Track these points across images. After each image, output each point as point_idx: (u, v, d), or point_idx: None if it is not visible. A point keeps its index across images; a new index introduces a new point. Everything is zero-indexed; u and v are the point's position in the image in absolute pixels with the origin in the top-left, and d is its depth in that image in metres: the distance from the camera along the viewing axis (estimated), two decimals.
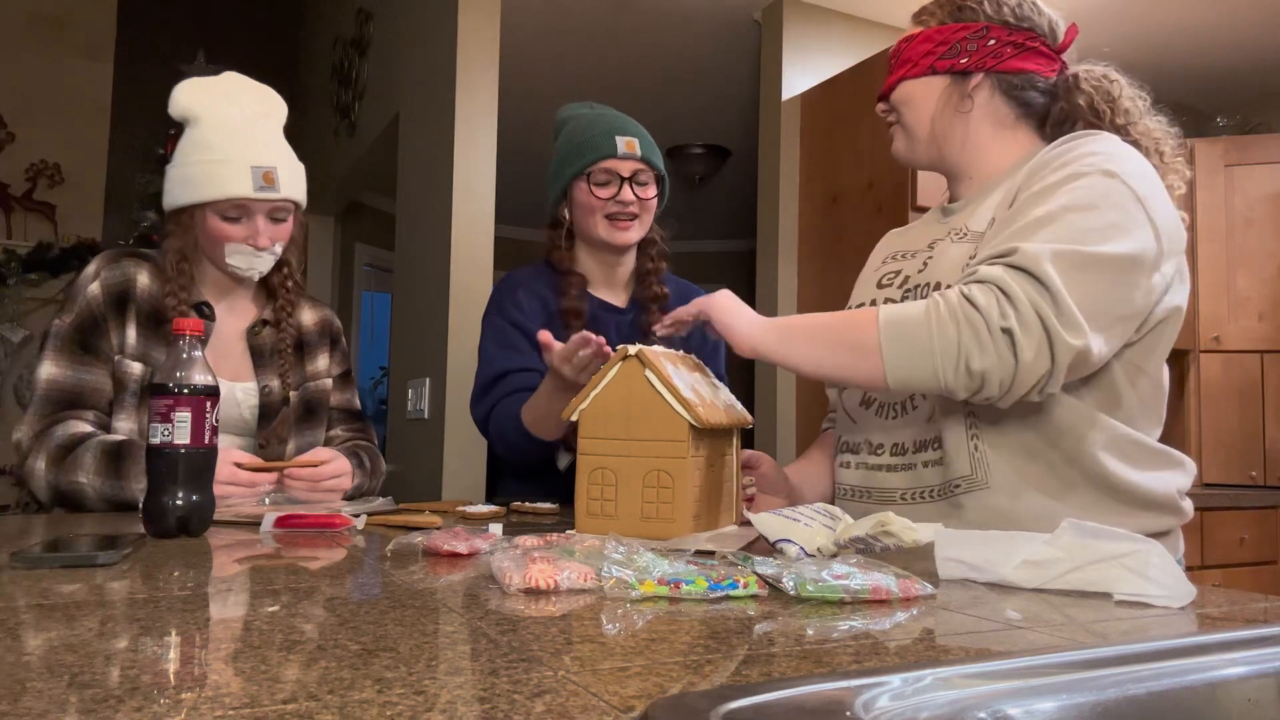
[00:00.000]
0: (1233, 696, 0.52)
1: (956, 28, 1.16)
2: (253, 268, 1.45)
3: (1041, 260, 0.93)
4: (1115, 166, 1.01)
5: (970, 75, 1.16)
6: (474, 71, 2.78)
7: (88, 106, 4.27)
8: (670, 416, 0.96)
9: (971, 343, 0.94)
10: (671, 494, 0.95)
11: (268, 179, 1.40)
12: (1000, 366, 0.93)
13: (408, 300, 3.17)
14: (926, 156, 1.23)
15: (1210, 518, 2.97)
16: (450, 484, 2.69)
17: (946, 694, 0.44)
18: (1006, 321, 0.92)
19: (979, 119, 1.18)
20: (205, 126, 1.41)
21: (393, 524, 1.16)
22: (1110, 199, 0.99)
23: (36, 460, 1.32)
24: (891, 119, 1.24)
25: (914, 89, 1.20)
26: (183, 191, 1.41)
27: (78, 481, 1.30)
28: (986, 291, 0.94)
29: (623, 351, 0.99)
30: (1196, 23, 3.31)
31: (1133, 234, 0.99)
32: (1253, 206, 3.32)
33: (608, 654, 0.52)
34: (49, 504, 1.37)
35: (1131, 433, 1.06)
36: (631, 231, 1.66)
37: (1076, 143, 1.07)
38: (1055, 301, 0.92)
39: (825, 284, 3.01)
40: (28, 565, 0.77)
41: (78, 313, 1.40)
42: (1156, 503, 1.06)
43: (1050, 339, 0.92)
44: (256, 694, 0.43)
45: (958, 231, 1.14)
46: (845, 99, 3.00)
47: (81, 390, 1.37)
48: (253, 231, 1.42)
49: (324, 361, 1.63)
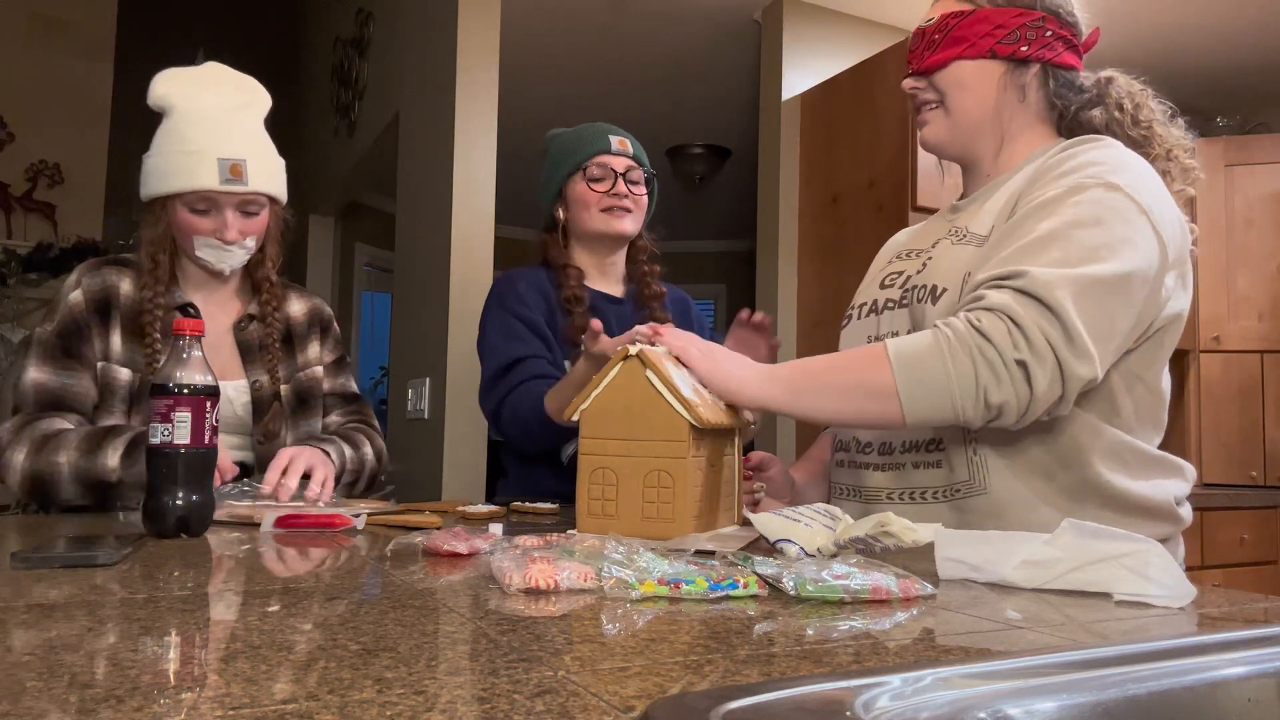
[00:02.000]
0: (1233, 696, 0.52)
1: (1015, 13, 1.12)
2: (222, 262, 1.43)
3: (1052, 288, 0.92)
4: (1118, 178, 1.00)
5: (1028, 65, 1.13)
6: (474, 71, 2.78)
7: (88, 106, 4.27)
8: (671, 416, 0.96)
9: (988, 376, 0.93)
10: (672, 494, 0.95)
11: (234, 171, 1.37)
12: (1017, 398, 0.93)
13: (408, 300, 3.17)
14: (960, 145, 1.17)
15: (1210, 518, 2.97)
16: (450, 484, 2.69)
17: (946, 694, 0.44)
18: (1020, 353, 0.92)
19: (1021, 111, 1.15)
20: (179, 116, 1.39)
21: (393, 524, 1.16)
22: (1115, 212, 0.98)
23: (15, 453, 1.30)
24: (928, 98, 1.17)
25: (970, 71, 1.13)
26: (154, 182, 1.40)
27: (55, 462, 1.28)
28: (997, 321, 0.93)
29: (624, 352, 0.99)
30: (1197, 23, 3.31)
31: (1139, 248, 0.98)
32: (1253, 206, 3.32)
33: (608, 654, 0.52)
34: (20, 494, 1.34)
35: (1129, 440, 1.05)
36: (626, 221, 1.69)
37: (1078, 149, 1.06)
38: (1066, 330, 0.92)
39: (825, 284, 3.01)
40: (28, 565, 0.77)
41: (60, 319, 1.39)
42: (1153, 511, 1.06)
43: (1062, 369, 0.92)
44: (256, 694, 0.43)
45: (958, 232, 1.13)
46: (845, 99, 3.00)
47: (65, 394, 1.36)
48: (220, 225, 1.39)
49: (315, 350, 1.61)
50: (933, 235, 1.20)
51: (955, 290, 1.06)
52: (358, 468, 1.52)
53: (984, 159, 1.18)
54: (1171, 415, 1.02)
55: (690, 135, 4.78)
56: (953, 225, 1.16)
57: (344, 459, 1.48)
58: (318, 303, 1.65)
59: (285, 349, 1.56)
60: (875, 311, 1.18)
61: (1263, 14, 3.24)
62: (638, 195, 1.70)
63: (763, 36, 3.37)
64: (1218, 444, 3.30)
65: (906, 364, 0.95)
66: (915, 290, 1.11)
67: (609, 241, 1.71)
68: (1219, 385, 3.31)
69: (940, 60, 1.14)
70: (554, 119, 1.81)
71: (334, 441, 1.48)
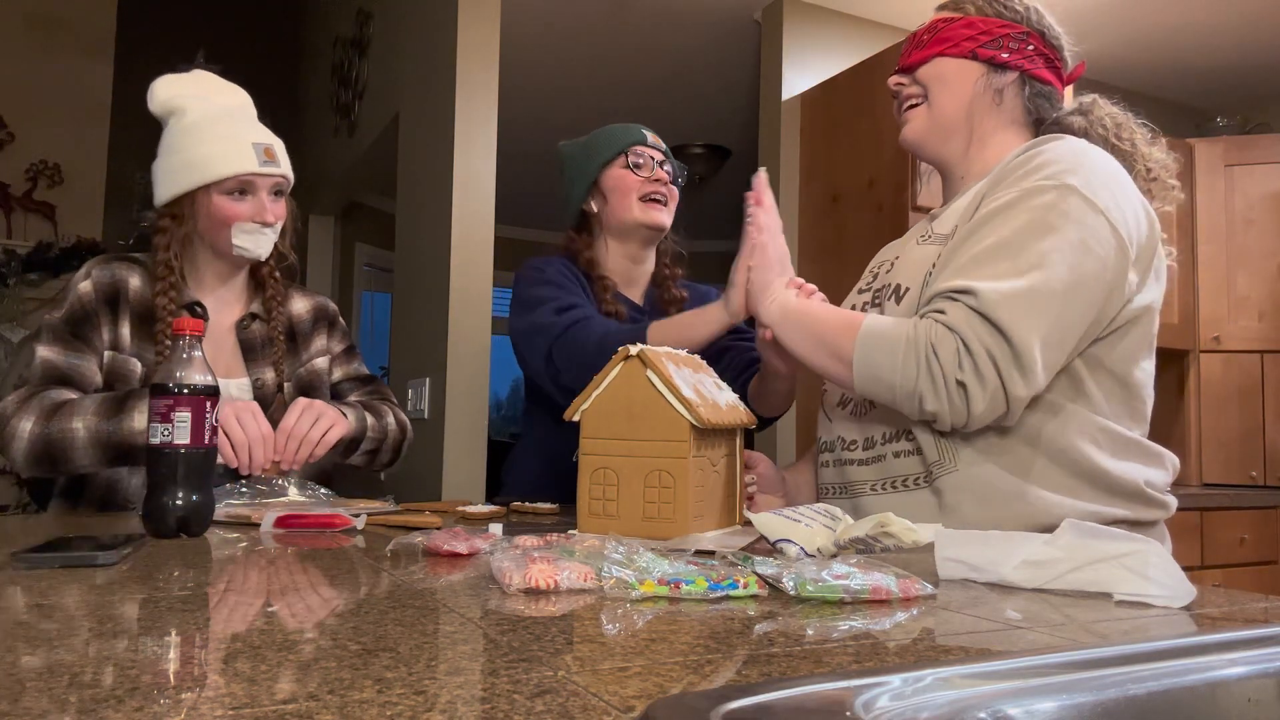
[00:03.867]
0: (1233, 696, 0.52)
1: (1000, 23, 1.17)
2: (260, 246, 1.44)
3: (998, 307, 0.96)
4: (1075, 178, 1.02)
5: (1006, 71, 1.17)
6: (474, 71, 2.78)
7: (88, 106, 4.27)
8: (672, 417, 0.96)
9: (927, 387, 0.99)
10: (673, 494, 0.95)
11: (269, 154, 1.43)
12: (951, 413, 0.99)
13: (408, 300, 3.17)
14: (937, 143, 1.21)
15: (1210, 518, 2.97)
16: (450, 484, 2.69)
17: (946, 694, 0.44)
18: (962, 374, 0.97)
19: (997, 116, 1.18)
20: (193, 114, 1.41)
21: (393, 524, 1.16)
22: (1069, 217, 1.00)
23: (21, 420, 1.27)
24: (911, 92, 1.22)
25: (950, 68, 1.18)
26: (184, 177, 1.40)
27: (70, 428, 1.26)
28: (948, 339, 0.98)
29: (624, 352, 0.99)
30: (1197, 22, 3.31)
31: (1092, 250, 1.00)
32: (1253, 206, 3.32)
33: (608, 654, 0.52)
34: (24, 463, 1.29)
35: (1102, 420, 1.06)
36: (664, 214, 1.70)
37: (1040, 149, 1.08)
38: (1013, 349, 0.96)
39: (825, 284, 2.98)
40: (28, 565, 0.77)
41: (69, 306, 1.39)
42: (1121, 490, 1.06)
43: (1005, 388, 0.97)
44: (256, 694, 0.43)
45: (927, 234, 1.17)
46: (845, 99, 3.00)
47: (72, 373, 1.36)
48: (259, 207, 1.42)
49: (321, 343, 1.61)
50: (910, 239, 1.24)
51: (916, 289, 1.10)
52: (380, 435, 1.53)
53: (958, 159, 1.21)
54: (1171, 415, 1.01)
55: (690, 135, 4.78)
56: (925, 228, 1.20)
57: (364, 424, 1.48)
58: (322, 300, 1.66)
59: (289, 347, 1.56)
60: None
61: (1262, 14, 3.24)
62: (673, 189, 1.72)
63: (763, 36, 3.37)
64: (1218, 444, 3.30)
65: (867, 344, 1.03)
66: (884, 290, 1.17)
67: (644, 235, 1.69)
68: (1219, 385, 3.31)
69: (924, 56, 1.20)
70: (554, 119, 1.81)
71: (355, 407, 1.49)
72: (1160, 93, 3.93)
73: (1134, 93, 3.80)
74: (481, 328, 2.76)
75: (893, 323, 1.04)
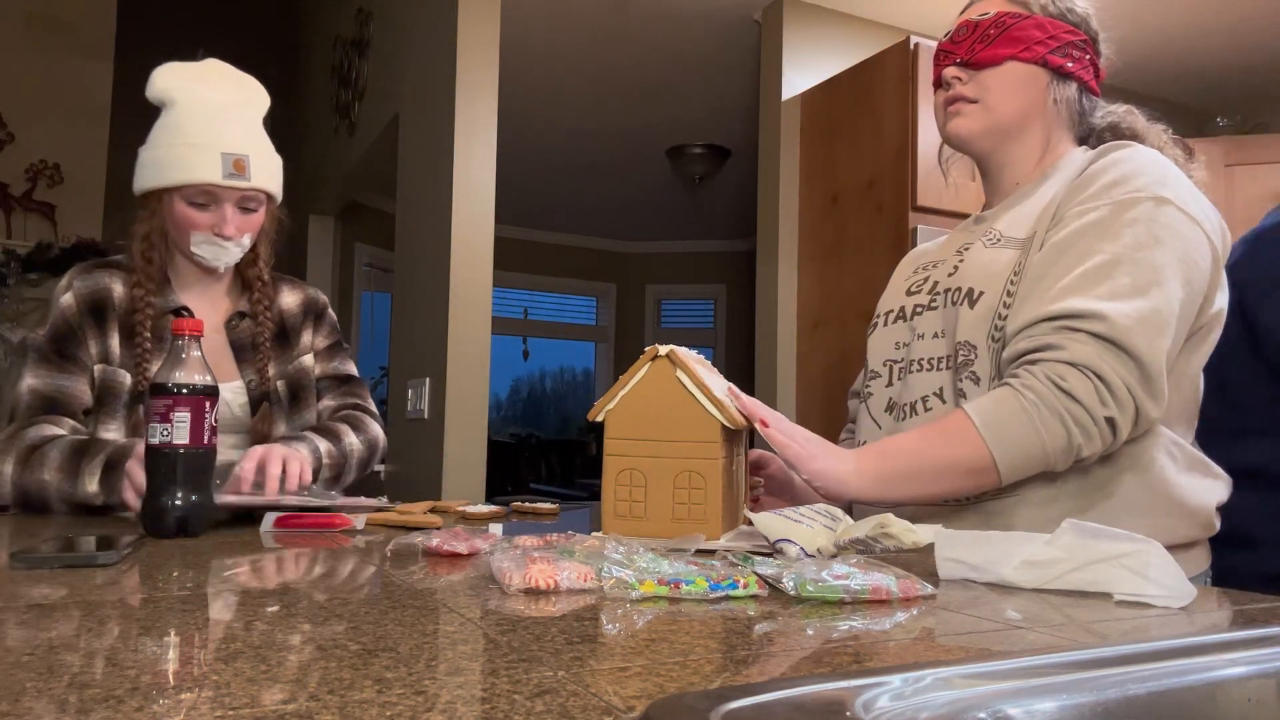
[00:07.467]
0: (1233, 696, 0.52)
1: (1065, 27, 1.14)
2: (218, 259, 1.40)
3: (1132, 334, 0.95)
4: (1165, 191, 1.01)
5: (1069, 81, 1.15)
6: (474, 71, 2.78)
7: (88, 106, 4.27)
8: (702, 417, 0.95)
9: (1080, 436, 0.96)
10: (704, 495, 0.95)
11: (238, 166, 1.36)
12: (1104, 446, 0.97)
13: (408, 300, 3.17)
14: (991, 144, 1.16)
15: None
16: (450, 484, 2.69)
17: (946, 694, 0.44)
18: (1108, 410, 0.95)
19: (1053, 121, 1.16)
20: (180, 110, 1.38)
21: (393, 524, 1.16)
22: (1171, 230, 0.99)
23: (4, 464, 1.29)
24: (967, 92, 1.15)
25: (1022, 74, 1.13)
26: (151, 174, 1.38)
27: (42, 479, 1.26)
28: (1082, 380, 0.95)
29: (652, 351, 0.99)
30: (1197, 23, 3.31)
31: (1198, 264, 1.00)
32: (1253, 206, 3.32)
33: (608, 654, 0.52)
34: (15, 506, 1.32)
35: (1176, 437, 1.05)
36: None
37: (1113, 159, 1.06)
38: (1144, 374, 0.95)
39: (825, 284, 3.01)
40: (28, 565, 0.77)
41: (53, 324, 1.38)
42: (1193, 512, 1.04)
43: (1139, 411, 0.96)
44: (256, 694, 0.43)
45: (989, 236, 1.12)
46: (845, 99, 3.00)
47: (59, 397, 1.35)
48: (219, 220, 1.37)
49: (308, 338, 1.58)
50: (956, 245, 1.20)
51: (994, 295, 1.05)
52: (339, 459, 1.46)
53: (1013, 163, 1.17)
54: None
55: (690, 135, 4.78)
56: (979, 232, 1.16)
57: (318, 455, 1.41)
58: (311, 292, 1.62)
59: (280, 344, 1.54)
60: (904, 317, 1.19)
61: (1262, 14, 3.24)
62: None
63: (763, 36, 3.38)
64: None
65: (999, 436, 0.97)
66: (949, 293, 1.11)
67: None
68: None
69: (994, 56, 1.13)
70: (554, 119, 1.80)
71: (305, 439, 1.42)
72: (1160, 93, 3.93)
73: (1134, 93, 3.80)
74: (481, 328, 2.76)
75: (996, 398, 0.98)
